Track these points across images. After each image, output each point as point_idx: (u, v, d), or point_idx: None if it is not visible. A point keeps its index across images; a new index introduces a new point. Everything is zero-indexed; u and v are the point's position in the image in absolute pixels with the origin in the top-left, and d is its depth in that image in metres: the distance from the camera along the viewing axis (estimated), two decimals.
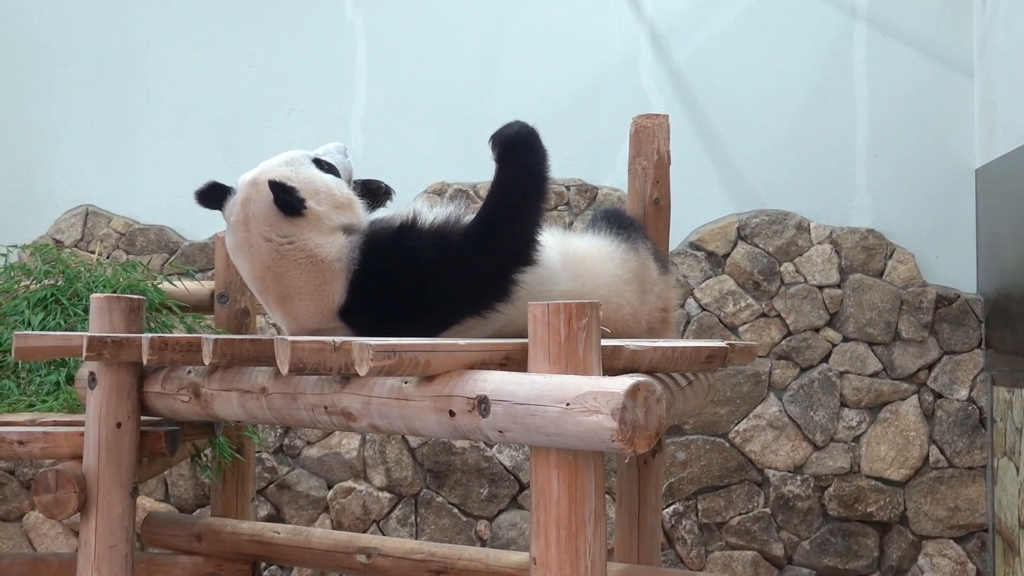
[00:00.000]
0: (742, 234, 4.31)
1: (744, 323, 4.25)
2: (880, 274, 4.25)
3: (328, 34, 4.51)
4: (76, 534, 4.20)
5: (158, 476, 4.26)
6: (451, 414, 1.75)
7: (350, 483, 4.32)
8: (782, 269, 4.27)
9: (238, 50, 4.53)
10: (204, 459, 3.15)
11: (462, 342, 1.84)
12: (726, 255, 4.30)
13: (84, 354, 2.27)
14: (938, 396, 4.18)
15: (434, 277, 2.24)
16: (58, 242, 4.46)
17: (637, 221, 2.95)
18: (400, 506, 4.30)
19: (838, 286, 4.25)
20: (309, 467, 4.34)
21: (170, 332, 3.14)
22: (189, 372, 2.34)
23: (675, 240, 3.87)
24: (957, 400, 4.17)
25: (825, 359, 4.23)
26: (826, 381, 4.21)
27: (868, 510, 4.17)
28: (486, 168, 2.37)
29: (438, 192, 4.38)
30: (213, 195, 2.38)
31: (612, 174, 4.35)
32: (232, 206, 2.34)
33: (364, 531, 4.25)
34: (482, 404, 1.69)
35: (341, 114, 4.48)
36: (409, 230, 2.30)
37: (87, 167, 4.55)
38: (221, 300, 3.30)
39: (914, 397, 4.19)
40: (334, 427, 2.07)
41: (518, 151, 2.30)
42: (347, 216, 2.33)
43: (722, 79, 4.37)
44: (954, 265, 4.25)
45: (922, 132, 4.28)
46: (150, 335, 2.24)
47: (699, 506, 4.23)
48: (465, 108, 4.42)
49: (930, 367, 4.20)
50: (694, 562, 4.19)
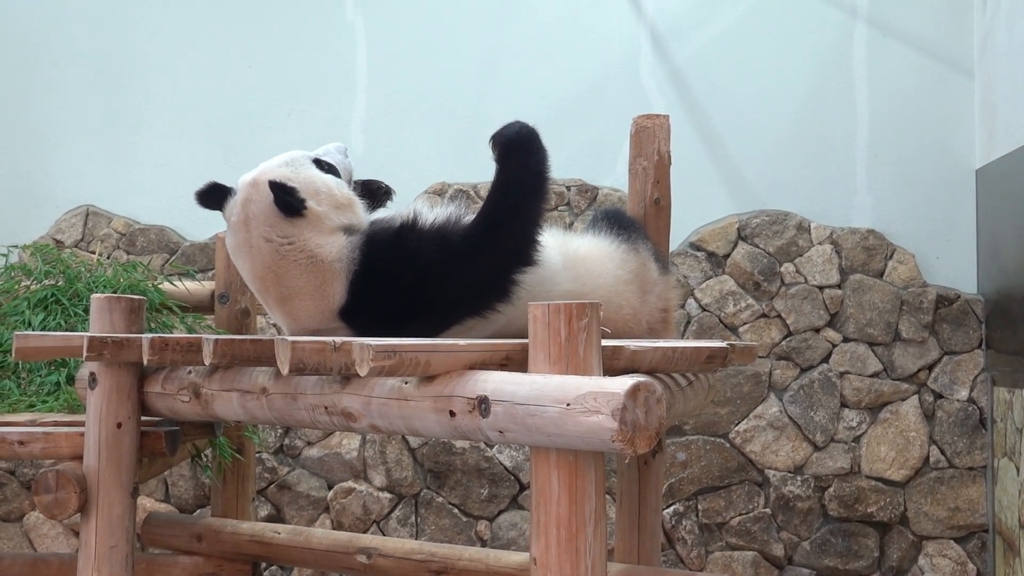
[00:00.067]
0: (742, 234, 4.31)
1: (744, 323, 4.25)
2: (880, 274, 4.25)
3: (328, 34, 4.51)
4: (76, 534, 4.20)
5: (158, 476, 4.26)
6: (451, 414, 1.75)
7: (350, 483, 4.32)
8: (782, 269, 4.27)
9: (238, 50, 4.53)
10: (204, 459, 3.15)
11: (462, 342, 1.84)
12: (726, 255, 4.30)
13: (84, 354, 2.27)
14: (938, 396, 4.18)
15: (434, 277, 2.24)
16: (58, 242, 4.46)
17: (637, 221, 2.95)
18: (400, 506, 4.30)
19: (838, 286, 4.25)
20: (309, 467, 4.34)
21: (170, 332, 3.14)
22: (189, 372, 2.34)
23: (675, 240, 3.87)
24: (957, 400, 4.17)
25: (825, 359, 4.23)
26: (826, 381, 4.21)
27: (868, 510, 4.16)
28: (487, 168, 2.37)
29: (438, 192, 4.38)
30: (213, 196, 2.38)
31: (612, 174, 4.35)
32: (232, 207, 2.34)
33: (364, 531, 4.25)
34: (482, 404, 1.69)
35: (341, 114, 4.48)
36: (409, 230, 2.30)
37: (87, 167, 4.55)
38: (221, 300, 3.30)
39: (914, 397, 4.19)
40: (334, 427, 2.07)
41: (518, 151, 2.30)
42: (347, 216, 2.33)
43: (723, 79, 4.37)
44: (954, 265, 4.24)
45: (922, 132, 4.28)
46: (150, 335, 2.24)
47: (699, 506, 4.23)
48: (466, 108, 4.42)
49: (930, 367, 4.20)
50: (694, 562, 4.19)
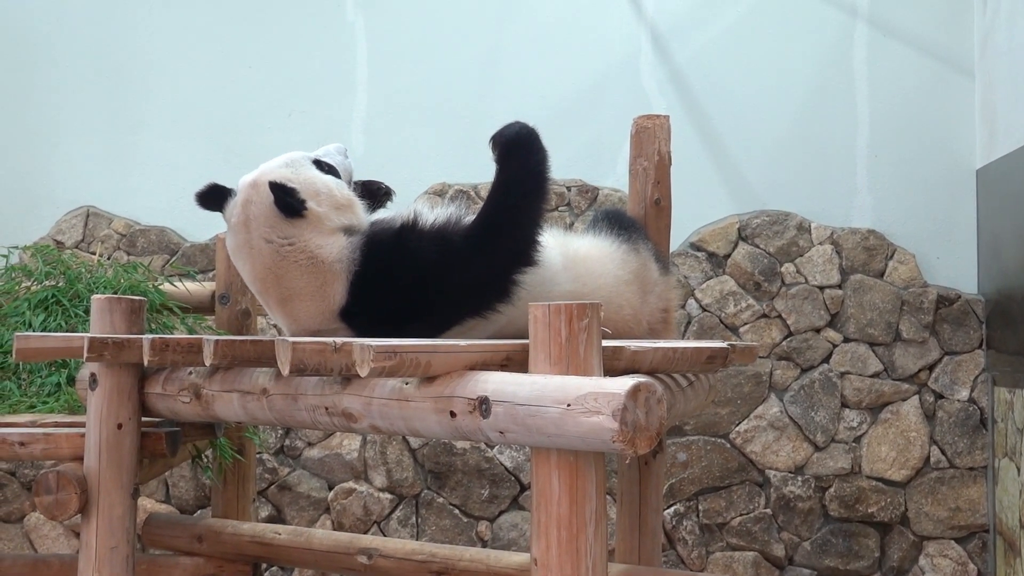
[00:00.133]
0: (743, 235, 4.30)
1: (745, 324, 4.25)
2: (881, 275, 4.25)
3: (329, 35, 4.51)
4: (77, 535, 4.20)
5: (159, 477, 4.26)
6: (452, 415, 1.75)
7: (351, 484, 4.31)
8: (783, 270, 4.27)
9: (239, 51, 4.53)
10: (205, 460, 3.15)
11: (463, 343, 1.84)
12: (727, 256, 4.30)
13: (85, 355, 2.27)
14: (939, 397, 4.18)
15: (435, 278, 2.23)
16: (59, 243, 4.46)
17: (638, 222, 2.95)
18: (401, 507, 4.30)
19: (839, 287, 4.25)
20: (310, 468, 4.34)
21: (171, 333, 3.13)
22: (190, 373, 2.34)
23: (676, 241, 3.86)
24: (958, 401, 4.16)
25: (826, 360, 4.23)
26: (827, 382, 4.21)
27: (869, 511, 4.16)
28: (487, 169, 2.37)
29: (439, 193, 4.37)
30: (213, 197, 2.38)
31: (613, 175, 4.35)
32: (233, 208, 2.34)
33: (365, 532, 4.25)
34: (483, 405, 1.69)
35: (342, 115, 4.48)
36: (410, 231, 2.29)
37: (88, 168, 4.55)
38: (222, 301, 3.30)
39: (915, 398, 4.19)
40: (335, 428, 2.07)
41: (518, 152, 2.30)
42: (348, 217, 2.33)
43: (723, 80, 4.37)
44: (955, 266, 4.24)
45: (923, 133, 4.28)
46: (151, 336, 2.24)
47: (700, 507, 4.23)
48: (466, 109, 4.42)
49: (931, 368, 4.20)
50: (695, 563, 4.19)
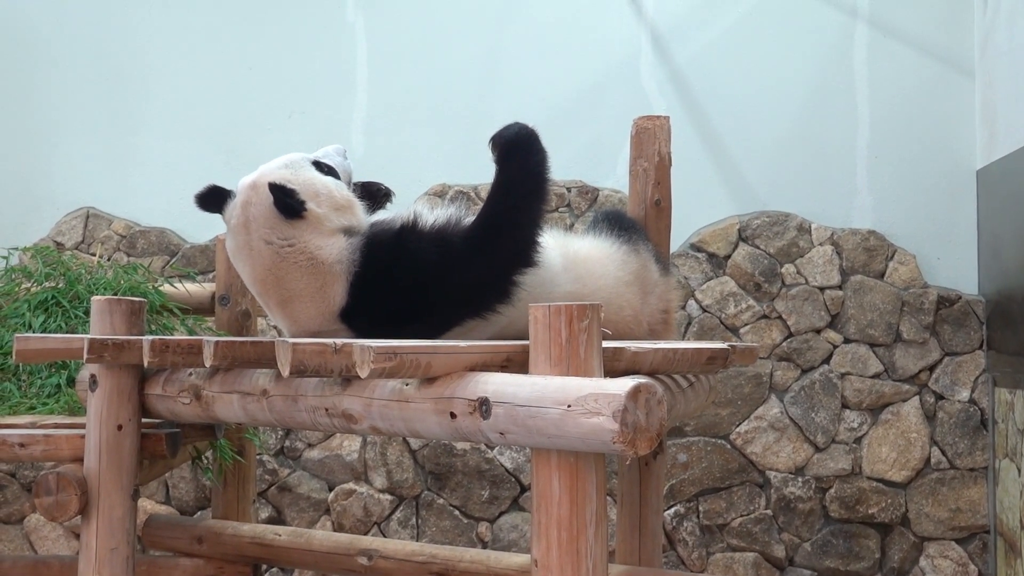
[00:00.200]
0: (743, 235, 4.30)
1: (745, 324, 4.25)
2: (881, 275, 4.25)
3: (329, 36, 4.51)
4: (77, 536, 4.20)
5: (159, 478, 4.26)
6: (452, 416, 1.75)
7: (351, 485, 4.31)
8: (783, 270, 4.27)
9: (239, 52, 4.53)
10: (205, 461, 3.15)
11: (463, 344, 1.84)
12: (727, 256, 4.30)
13: (85, 356, 2.27)
14: (939, 397, 4.18)
15: (435, 279, 2.23)
16: (59, 244, 4.46)
17: (638, 223, 2.95)
18: (401, 508, 4.30)
19: (839, 287, 4.25)
20: (310, 469, 4.34)
21: (171, 334, 3.13)
22: (190, 374, 2.34)
23: (676, 241, 3.86)
24: (958, 401, 4.16)
25: (826, 360, 4.23)
26: (827, 382, 4.21)
27: (869, 511, 4.16)
28: (487, 170, 2.37)
29: (439, 194, 4.37)
30: (213, 198, 2.37)
31: (613, 176, 4.35)
32: (232, 209, 2.34)
33: (365, 533, 4.24)
34: (483, 406, 1.69)
35: (342, 116, 4.48)
36: (410, 232, 2.29)
37: (88, 169, 4.55)
38: (222, 302, 3.30)
39: (915, 398, 4.18)
40: (335, 429, 2.06)
41: (518, 153, 2.30)
42: (347, 218, 2.33)
43: (723, 80, 4.37)
44: (955, 266, 4.24)
45: (923, 133, 4.28)
46: (151, 337, 2.23)
47: (700, 508, 4.22)
48: (466, 110, 4.42)
49: (931, 368, 4.19)
50: (695, 564, 4.19)
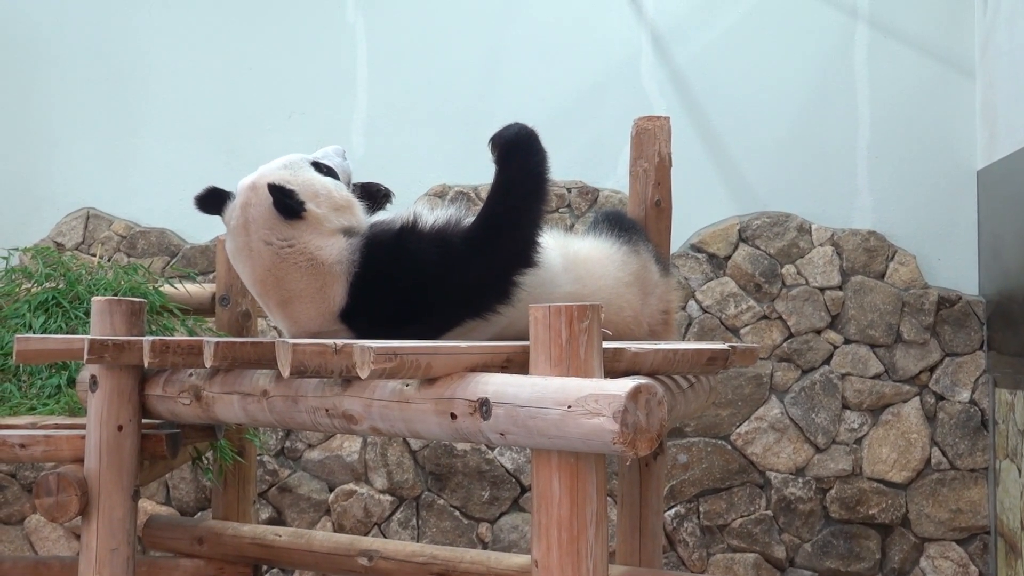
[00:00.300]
0: (743, 236, 4.30)
1: (745, 325, 4.25)
2: (881, 276, 4.25)
3: (329, 36, 4.51)
4: (77, 537, 4.20)
5: (159, 479, 4.26)
6: (452, 417, 1.75)
7: (351, 486, 4.31)
8: (783, 271, 4.27)
9: (239, 53, 4.53)
10: (205, 462, 3.14)
11: (463, 344, 1.84)
12: (727, 257, 4.30)
13: (85, 357, 2.27)
14: (940, 398, 4.18)
15: (435, 279, 2.23)
16: (59, 245, 4.46)
17: (638, 223, 2.95)
18: (401, 509, 4.30)
19: (839, 288, 4.24)
20: (310, 470, 4.34)
21: (171, 335, 3.13)
22: (190, 375, 2.34)
23: (676, 242, 3.86)
24: (959, 402, 4.16)
25: (827, 361, 4.23)
26: (827, 383, 4.21)
27: (870, 512, 4.16)
28: (487, 170, 2.37)
29: (439, 194, 4.37)
30: (212, 200, 2.37)
31: (613, 176, 4.35)
32: (231, 211, 2.33)
33: (366, 534, 4.24)
34: (483, 407, 1.69)
35: (342, 117, 4.48)
36: (410, 232, 2.29)
37: (88, 170, 4.55)
38: (222, 303, 3.30)
39: (916, 399, 4.18)
40: (335, 430, 2.06)
41: (518, 153, 2.30)
42: (347, 218, 2.33)
43: (723, 81, 4.37)
44: (956, 267, 4.24)
45: (923, 134, 4.28)
46: (151, 338, 2.23)
47: (701, 508, 4.22)
48: (466, 110, 4.41)
49: (932, 369, 4.19)
50: (696, 564, 4.19)
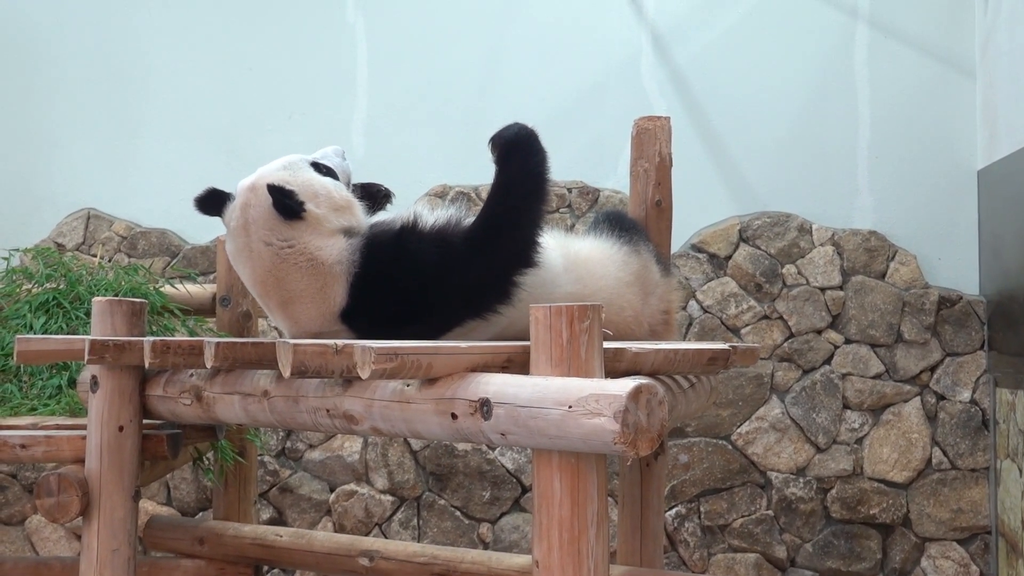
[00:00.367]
0: (744, 236, 4.30)
1: (746, 325, 4.25)
2: (882, 276, 4.25)
3: (329, 37, 4.51)
4: (78, 538, 4.19)
5: (160, 479, 4.26)
6: (453, 417, 1.75)
7: (352, 486, 4.31)
8: (784, 271, 4.27)
9: (239, 53, 4.53)
10: (206, 462, 3.14)
11: (464, 345, 1.84)
12: (728, 257, 4.30)
13: (86, 358, 2.27)
14: (941, 398, 4.18)
15: (435, 279, 2.23)
16: (60, 245, 4.46)
17: (639, 223, 2.95)
18: (402, 509, 4.30)
19: (840, 288, 4.24)
20: (311, 470, 4.34)
21: (172, 335, 3.13)
22: (191, 375, 2.34)
23: (677, 242, 3.86)
24: (960, 402, 4.16)
25: (827, 361, 4.23)
26: (828, 383, 4.21)
27: (871, 512, 4.16)
28: (488, 170, 2.37)
29: (440, 195, 4.37)
30: (212, 201, 2.37)
31: (614, 176, 4.35)
32: (231, 212, 2.33)
33: (366, 534, 4.24)
34: (484, 407, 1.69)
35: (342, 117, 4.48)
36: (410, 232, 2.29)
37: (88, 170, 4.56)
38: (223, 303, 3.30)
39: (917, 399, 4.18)
40: (336, 430, 2.06)
41: (518, 153, 2.30)
42: (347, 218, 2.32)
43: (724, 81, 4.36)
44: (956, 267, 4.24)
45: (924, 134, 4.28)
46: (152, 338, 2.24)
47: (702, 508, 4.22)
48: (466, 110, 4.42)
49: (932, 369, 4.19)
50: (697, 564, 4.19)
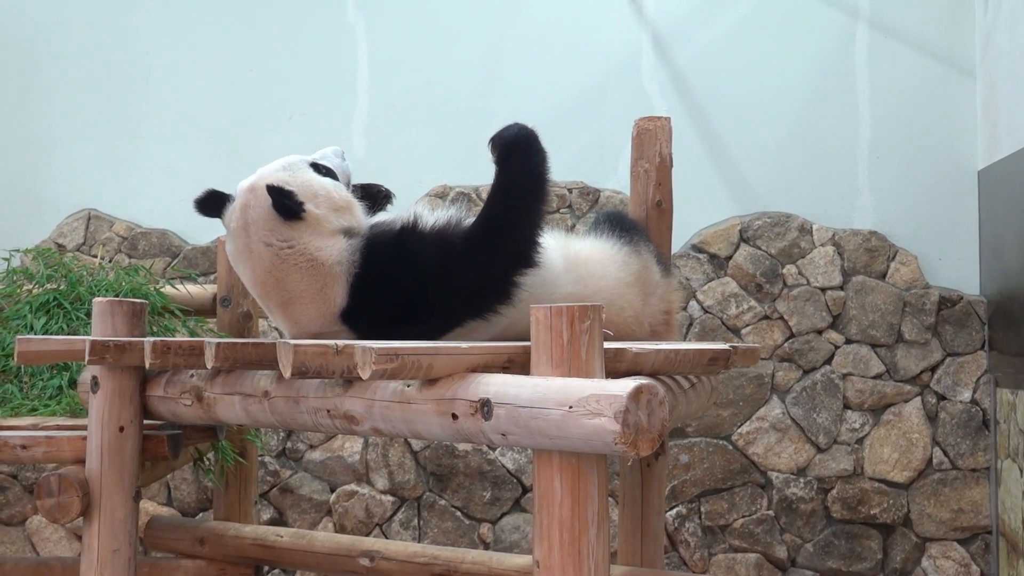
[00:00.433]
0: (744, 236, 4.30)
1: (747, 325, 4.25)
2: (883, 276, 4.25)
3: (329, 37, 4.51)
4: (79, 538, 4.20)
5: (161, 480, 4.26)
6: (454, 417, 1.75)
7: (353, 486, 4.31)
8: (784, 271, 4.27)
9: (239, 54, 4.53)
10: (207, 463, 3.14)
11: (464, 345, 1.84)
12: (728, 257, 4.30)
13: (87, 358, 2.27)
14: (941, 398, 4.18)
15: (435, 280, 2.23)
16: (60, 246, 4.46)
17: (639, 224, 2.95)
18: (403, 509, 4.30)
19: (841, 288, 4.24)
20: (312, 470, 4.34)
21: (172, 336, 3.13)
22: (192, 376, 2.34)
23: (677, 242, 3.86)
24: (960, 402, 4.16)
25: (828, 361, 4.23)
26: (829, 383, 4.21)
27: (871, 512, 4.16)
28: (488, 171, 2.37)
29: (440, 195, 4.37)
30: (212, 203, 2.37)
31: (614, 176, 4.35)
32: (231, 213, 2.33)
33: (367, 534, 4.24)
34: (485, 407, 1.69)
35: (343, 117, 4.48)
36: (410, 233, 2.29)
37: (89, 171, 4.56)
38: (223, 304, 3.31)
39: (917, 399, 4.18)
40: (336, 430, 2.06)
41: (518, 153, 2.30)
42: (346, 219, 2.32)
43: (724, 81, 4.36)
44: (957, 267, 4.24)
45: (924, 134, 4.27)
46: (153, 339, 2.24)
47: (702, 509, 4.22)
48: (467, 111, 4.42)
49: (933, 369, 4.19)
50: (697, 565, 4.19)
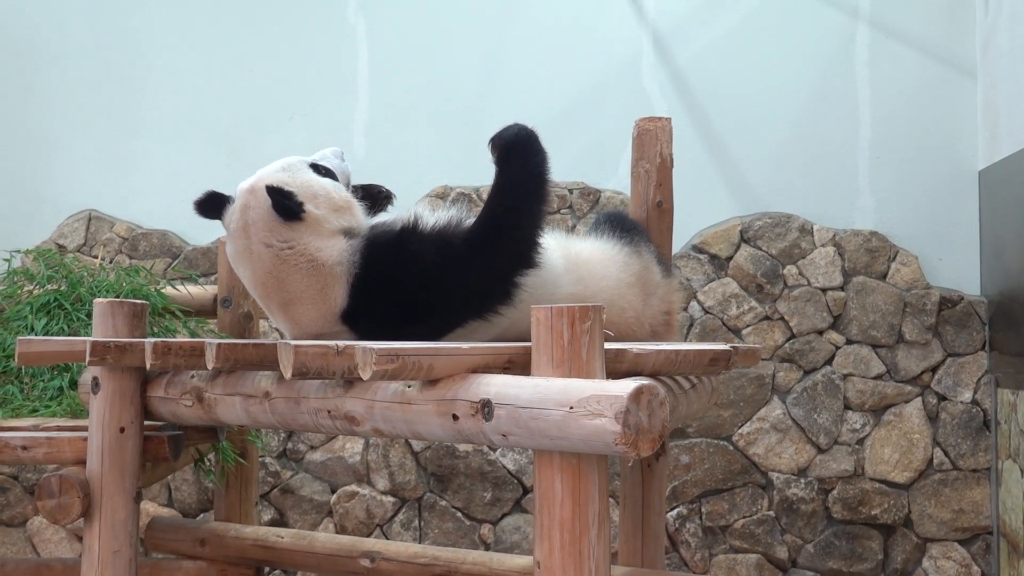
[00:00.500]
0: (745, 237, 4.30)
1: (747, 326, 4.25)
2: (883, 276, 4.24)
3: (330, 38, 4.51)
4: (80, 539, 4.19)
5: (161, 481, 4.26)
6: (454, 418, 1.75)
7: (353, 487, 4.31)
8: (785, 272, 4.27)
9: (240, 54, 4.53)
10: (207, 464, 3.15)
11: (465, 346, 1.84)
12: (729, 258, 4.30)
13: (87, 359, 2.27)
14: (942, 398, 4.18)
15: (435, 280, 2.23)
16: (61, 247, 4.46)
17: (640, 224, 2.95)
18: (404, 510, 4.30)
19: (841, 288, 4.24)
20: (312, 471, 4.34)
21: (173, 337, 3.14)
22: (192, 377, 2.34)
23: (678, 243, 3.86)
24: (961, 402, 4.16)
25: (828, 362, 4.23)
26: (830, 384, 4.21)
27: (872, 513, 4.16)
28: (488, 171, 2.37)
29: (440, 196, 4.38)
30: (212, 204, 2.37)
31: (615, 177, 4.35)
32: (231, 214, 2.33)
33: (368, 535, 4.24)
34: (485, 408, 1.69)
35: (343, 118, 4.48)
36: (410, 233, 2.29)
37: (90, 172, 4.56)
38: (224, 304, 3.31)
39: (918, 399, 4.18)
40: (337, 431, 2.06)
41: (518, 153, 2.30)
42: (346, 219, 2.32)
43: (724, 82, 4.36)
44: (957, 267, 4.24)
45: (925, 134, 4.27)
46: (153, 340, 2.24)
47: (703, 509, 4.22)
48: (467, 111, 4.42)
49: (934, 369, 4.19)
50: (698, 565, 4.19)
